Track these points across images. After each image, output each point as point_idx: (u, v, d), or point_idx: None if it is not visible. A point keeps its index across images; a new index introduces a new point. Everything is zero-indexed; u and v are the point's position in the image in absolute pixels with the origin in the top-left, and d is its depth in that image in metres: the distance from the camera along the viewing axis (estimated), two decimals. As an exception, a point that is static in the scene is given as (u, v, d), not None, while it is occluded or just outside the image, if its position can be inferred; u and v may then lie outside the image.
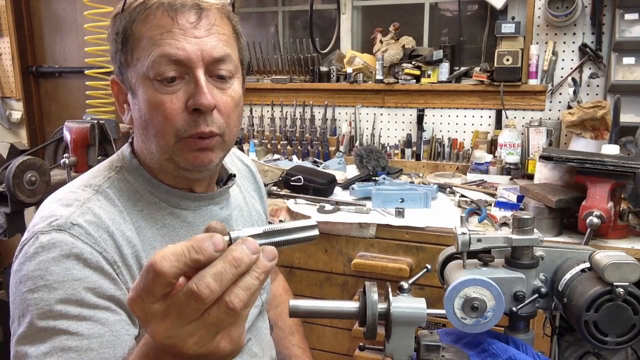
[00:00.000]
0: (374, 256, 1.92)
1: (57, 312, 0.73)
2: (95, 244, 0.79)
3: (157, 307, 0.48)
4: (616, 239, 1.70)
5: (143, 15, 0.82)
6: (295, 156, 2.81)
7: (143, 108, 0.84)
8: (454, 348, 0.79)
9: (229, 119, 0.86)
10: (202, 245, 0.47)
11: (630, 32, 2.23)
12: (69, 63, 3.59)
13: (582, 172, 1.69)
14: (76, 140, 2.05)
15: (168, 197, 0.91)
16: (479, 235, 0.80)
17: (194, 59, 0.81)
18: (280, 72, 2.97)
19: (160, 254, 0.47)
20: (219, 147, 0.87)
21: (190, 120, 0.82)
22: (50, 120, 3.72)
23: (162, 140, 0.84)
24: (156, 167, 0.90)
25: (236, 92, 0.88)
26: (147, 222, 0.88)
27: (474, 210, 1.95)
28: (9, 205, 1.91)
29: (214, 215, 0.96)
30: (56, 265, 0.75)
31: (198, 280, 0.46)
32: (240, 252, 0.48)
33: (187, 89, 0.82)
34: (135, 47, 0.83)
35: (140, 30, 0.82)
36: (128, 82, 0.86)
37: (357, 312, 0.66)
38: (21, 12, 3.57)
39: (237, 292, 0.48)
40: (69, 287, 0.74)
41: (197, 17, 0.82)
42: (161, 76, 0.81)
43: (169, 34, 0.80)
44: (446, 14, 2.85)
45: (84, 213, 0.81)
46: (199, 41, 0.81)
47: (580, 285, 0.77)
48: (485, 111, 2.59)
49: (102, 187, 0.87)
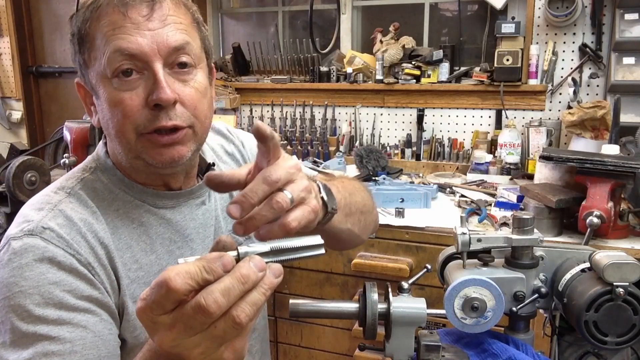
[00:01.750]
0: (374, 256, 1.92)
1: (36, 317, 0.73)
2: (68, 246, 0.78)
3: (165, 318, 0.50)
4: (616, 239, 1.70)
5: (96, 13, 0.80)
6: (295, 156, 2.81)
7: (105, 108, 0.82)
8: (454, 348, 0.79)
9: (197, 110, 0.83)
10: (212, 266, 0.50)
11: (630, 32, 2.23)
12: (69, 63, 3.55)
13: (582, 172, 1.69)
14: (76, 140, 2.06)
15: (143, 196, 0.89)
16: (479, 235, 0.80)
17: (149, 52, 0.78)
18: (280, 72, 2.97)
19: (174, 271, 0.49)
20: (190, 139, 0.84)
21: (151, 116, 0.80)
22: (50, 120, 3.72)
23: (124, 138, 0.82)
24: (127, 166, 0.88)
25: (200, 83, 0.84)
26: (122, 221, 0.87)
27: (474, 210, 1.95)
28: (9, 205, 1.91)
29: (193, 210, 0.94)
30: (30, 270, 0.74)
31: (207, 295, 0.49)
32: (248, 270, 0.51)
33: (146, 85, 0.79)
34: (91, 47, 0.81)
35: (93, 29, 0.80)
36: (90, 84, 0.85)
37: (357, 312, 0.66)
38: (21, 12, 3.57)
39: (243, 307, 0.50)
40: (46, 292, 0.74)
41: (150, 10, 0.79)
42: (117, 70, 0.78)
43: (122, 29, 0.78)
44: (446, 14, 2.85)
45: (55, 216, 0.80)
46: (153, 33, 0.79)
47: (580, 285, 0.77)
48: (485, 111, 2.59)
49: (74, 189, 0.86)
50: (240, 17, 3.34)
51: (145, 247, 0.88)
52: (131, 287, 0.85)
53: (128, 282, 0.85)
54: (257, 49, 2.99)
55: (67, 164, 2.02)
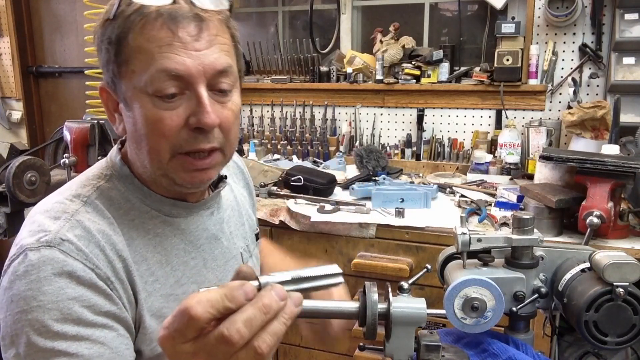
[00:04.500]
0: (374, 256, 1.92)
1: (54, 332, 0.72)
2: (87, 260, 0.76)
3: (188, 347, 0.51)
4: (616, 239, 1.70)
5: (140, 24, 0.76)
6: (295, 156, 2.81)
7: (139, 122, 0.79)
8: (454, 348, 0.79)
9: (230, 133, 0.83)
10: (235, 294, 0.50)
11: (630, 32, 2.23)
12: (69, 63, 3.59)
13: (582, 172, 1.69)
14: (76, 140, 2.06)
15: (160, 205, 0.88)
16: (479, 235, 0.80)
17: (195, 74, 0.76)
18: (280, 72, 2.97)
19: (195, 299, 0.49)
20: (220, 162, 0.85)
21: (190, 137, 0.79)
22: (50, 120, 3.72)
23: (157, 156, 0.80)
24: (149, 179, 0.87)
25: (236, 104, 0.84)
26: (138, 232, 0.85)
27: (474, 210, 1.95)
28: (9, 205, 1.91)
29: (205, 221, 0.95)
30: (49, 284, 0.73)
31: (230, 325, 0.49)
32: (270, 299, 0.51)
33: (188, 105, 0.78)
34: (131, 59, 0.77)
35: (136, 42, 0.76)
36: (122, 94, 0.81)
37: (357, 312, 0.66)
38: (21, 12, 3.57)
39: (264, 338, 0.50)
40: (64, 307, 0.73)
41: (198, 30, 0.77)
42: (161, 92, 0.76)
43: (169, 47, 0.75)
44: (446, 14, 2.85)
45: (73, 227, 0.78)
46: (200, 54, 0.77)
47: (580, 285, 0.77)
48: (485, 111, 2.59)
49: (91, 197, 0.84)
50: (240, 17, 3.33)
51: (161, 258, 0.87)
52: (148, 300, 0.84)
53: (145, 295, 0.84)
54: (257, 49, 2.99)
55: (67, 164, 2.02)
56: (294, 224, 2.02)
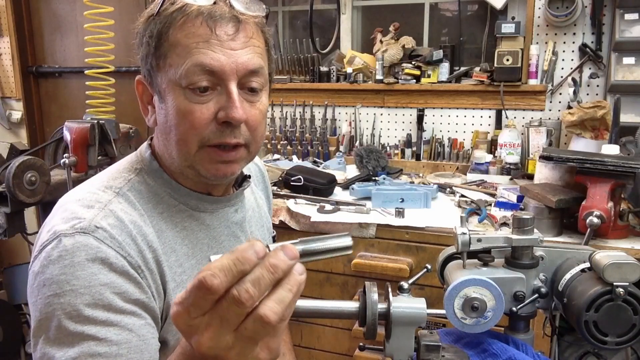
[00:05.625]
0: (374, 256, 1.92)
1: (84, 317, 0.73)
2: (120, 248, 0.78)
3: (202, 319, 0.50)
4: (616, 239, 1.70)
5: (180, 21, 0.81)
6: (295, 156, 2.81)
7: (171, 114, 0.83)
8: (454, 348, 0.79)
9: (256, 132, 0.87)
10: (245, 255, 0.49)
11: (630, 32, 2.23)
12: (69, 63, 3.59)
13: (582, 172, 1.69)
14: (76, 140, 2.06)
15: (187, 199, 0.92)
16: (479, 235, 0.80)
17: (228, 71, 0.81)
18: (280, 72, 2.96)
19: (208, 272, 0.48)
20: (245, 158, 0.89)
21: (217, 131, 0.83)
22: (50, 120, 3.72)
23: (185, 147, 0.84)
24: (177, 171, 0.90)
25: (264, 105, 0.88)
26: (167, 224, 0.88)
27: (474, 210, 1.95)
28: (9, 205, 1.91)
29: (229, 218, 0.97)
30: (82, 269, 0.75)
31: (238, 286, 0.49)
32: (277, 259, 0.50)
33: (218, 100, 0.82)
34: (169, 53, 0.82)
35: (176, 37, 0.81)
36: (157, 86, 0.85)
37: (357, 312, 0.66)
38: (21, 12, 3.57)
39: (270, 305, 0.50)
40: (96, 292, 0.74)
41: (235, 30, 0.82)
42: (194, 85, 0.81)
43: (206, 44, 0.80)
44: (446, 14, 2.85)
45: (107, 216, 0.81)
46: (235, 53, 0.81)
47: (580, 285, 0.77)
48: (485, 111, 2.59)
49: (123, 189, 0.87)
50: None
51: (188, 251, 0.90)
52: (177, 291, 0.86)
53: (174, 285, 0.86)
54: (257, 49, 2.98)
55: (67, 164, 2.02)
56: (294, 223, 2.02)
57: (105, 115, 2.52)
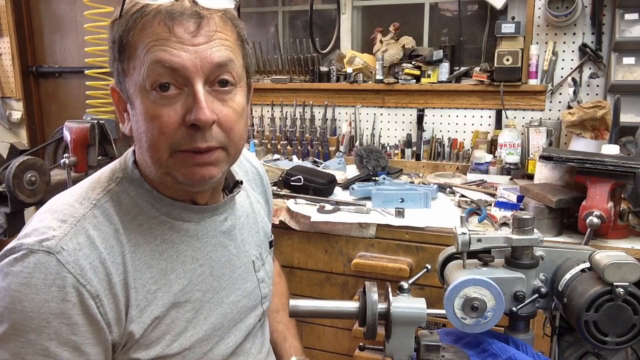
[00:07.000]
0: (374, 256, 1.92)
1: (27, 340, 0.74)
2: (81, 275, 0.76)
3: None
4: (616, 239, 1.70)
5: (140, 23, 0.77)
6: (295, 156, 2.81)
7: (140, 119, 0.80)
8: (454, 348, 0.79)
9: (232, 132, 0.82)
10: None
11: (630, 32, 2.23)
12: (69, 63, 3.59)
13: (582, 172, 1.69)
14: (76, 140, 2.06)
15: (169, 209, 0.88)
16: (479, 235, 0.80)
17: (191, 68, 0.77)
18: (280, 72, 2.97)
19: None
20: (223, 160, 0.84)
21: (187, 135, 0.78)
22: (50, 120, 3.72)
23: (156, 154, 0.80)
24: (156, 179, 0.87)
25: (238, 103, 0.83)
26: (145, 238, 0.85)
27: (474, 210, 1.95)
28: (9, 205, 1.91)
29: (217, 227, 0.94)
30: (36, 294, 0.74)
31: None
32: None
33: (185, 102, 0.78)
34: (131, 56, 0.79)
35: (135, 39, 0.78)
36: (126, 92, 0.82)
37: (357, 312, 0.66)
38: (21, 12, 3.57)
39: None
40: (43, 320, 0.74)
41: (197, 26, 0.77)
42: (156, 83, 0.77)
43: (165, 42, 0.76)
44: (446, 14, 2.85)
45: (77, 234, 0.78)
46: (197, 49, 0.77)
47: (580, 285, 0.77)
48: (485, 111, 2.59)
49: (100, 201, 0.84)
50: (240, 17, 3.33)
51: (166, 265, 0.87)
52: (149, 309, 0.83)
53: (145, 304, 0.83)
54: (257, 49, 2.99)
55: (67, 164, 2.02)
56: (294, 224, 2.02)
57: (105, 115, 2.52)
